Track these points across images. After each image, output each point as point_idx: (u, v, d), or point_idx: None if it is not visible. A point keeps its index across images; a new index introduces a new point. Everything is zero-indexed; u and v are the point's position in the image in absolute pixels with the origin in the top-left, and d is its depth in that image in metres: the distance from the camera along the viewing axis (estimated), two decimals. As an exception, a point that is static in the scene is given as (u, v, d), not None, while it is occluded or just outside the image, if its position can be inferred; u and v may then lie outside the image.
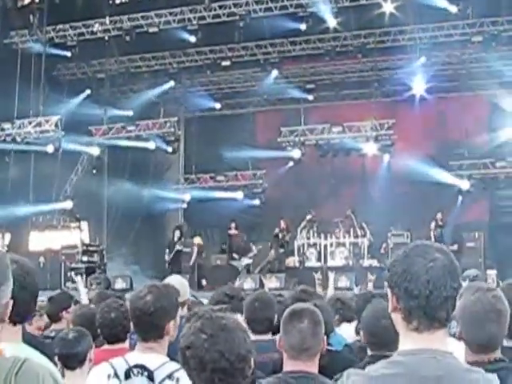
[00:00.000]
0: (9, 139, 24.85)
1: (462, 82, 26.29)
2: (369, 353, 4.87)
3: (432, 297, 2.50)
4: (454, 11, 22.37)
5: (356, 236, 24.37)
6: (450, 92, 26.52)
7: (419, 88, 25.43)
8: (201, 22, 24.39)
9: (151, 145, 26.96)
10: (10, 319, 2.89)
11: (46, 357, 3.11)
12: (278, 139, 26.42)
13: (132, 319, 4.28)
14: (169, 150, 27.65)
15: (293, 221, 25.16)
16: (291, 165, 27.17)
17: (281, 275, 22.56)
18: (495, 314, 3.75)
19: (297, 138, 26.27)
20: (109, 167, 27.32)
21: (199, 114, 29.11)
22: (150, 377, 4.00)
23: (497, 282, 18.82)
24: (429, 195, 24.93)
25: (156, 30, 24.74)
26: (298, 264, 24.42)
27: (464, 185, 25.61)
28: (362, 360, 4.85)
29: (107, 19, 24.86)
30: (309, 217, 25.00)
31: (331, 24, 23.71)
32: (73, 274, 20.62)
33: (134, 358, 4.13)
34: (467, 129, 25.72)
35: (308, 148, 26.53)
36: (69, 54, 25.95)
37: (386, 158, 26.14)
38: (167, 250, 24.06)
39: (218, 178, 28.97)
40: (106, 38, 25.37)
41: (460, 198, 25.90)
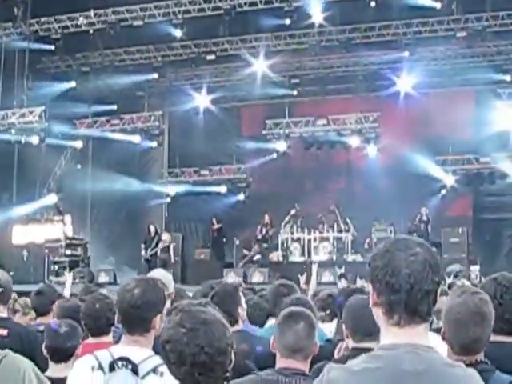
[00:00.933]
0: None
1: (446, 78, 26.34)
2: (350, 346, 4.87)
3: (413, 291, 2.49)
4: (439, 7, 22.43)
5: (340, 231, 24.43)
6: (435, 87, 26.56)
7: (404, 83, 25.48)
8: (186, 16, 24.34)
9: (136, 138, 26.93)
10: None
11: (33, 347, 3.09)
12: (263, 131, 26.45)
13: (119, 312, 4.26)
14: (153, 143, 27.61)
15: (277, 215, 25.19)
16: (275, 157, 27.15)
17: (264, 270, 22.60)
18: (480, 317, 3.75)
19: (281, 131, 26.28)
20: (93, 161, 27.27)
21: (183, 108, 29.04)
22: (134, 370, 3.97)
23: (480, 278, 18.92)
24: (413, 190, 24.99)
25: (141, 23, 24.66)
26: (281, 258, 24.46)
27: (448, 180, 25.71)
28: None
29: (92, 12, 24.77)
30: (293, 211, 25.04)
31: (316, 19, 23.67)
32: (66, 272, 20.53)
33: (119, 350, 4.11)
34: (451, 124, 25.77)
35: (293, 141, 26.55)
36: (53, 47, 25.84)
37: (371, 152, 26.17)
38: (143, 246, 24.10)
39: (202, 172, 28.94)
40: (91, 32, 25.23)
41: (444, 193, 26.00)
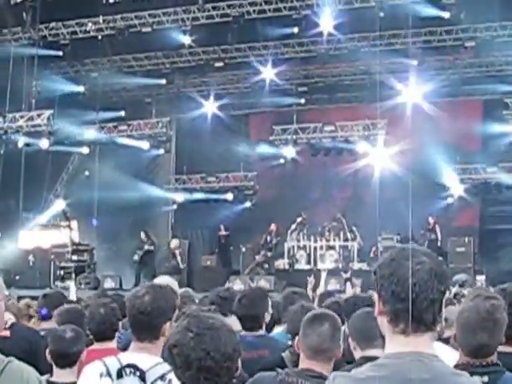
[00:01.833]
0: (0, 132, 24.72)
1: (454, 87, 26.32)
2: (358, 355, 4.87)
3: (418, 300, 2.50)
4: (447, 16, 22.43)
5: (346, 239, 24.41)
6: (443, 97, 26.55)
7: (412, 92, 25.46)
8: (194, 23, 24.38)
9: (144, 145, 26.92)
10: None
11: (38, 351, 3.10)
12: (271, 137, 26.37)
13: (129, 318, 4.27)
14: (160, 150, 27.65)
15: (283, 223, 25.18)
16: (282, 162, 27.05)
17: (270, 277, 22.59)
18: (491, 322, 3.74)
19: (289, 136, 26.20)
20: (100, 167, 27.30)
21: (191, 115, 29.05)
22: (142, 377, 3.98)
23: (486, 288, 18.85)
24: (420, 199, 24.91)
25: (149, 29, 24.70)
26: (287, 266, 24.45)
27: (455, 189, 25.65)
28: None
29: (100, 18, 24.82)
30: (299, 219, 25.03)
31: (325, 27, 23.69)
32: (68, 281, 20.60)
33: (127, 357, 4.13)
34: (459, 134, 25.72)
35: (300, 147, 26.49)
36: (61, 53, 25.90)
37: (378, 160, 26.10)
38: (137, 251, 24.19)
39: (210, 178, 28.95)
40: (99, 37, 25.28)
41: (451, 202, 25.95)
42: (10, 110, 24.91)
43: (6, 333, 6.04)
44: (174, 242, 24.80)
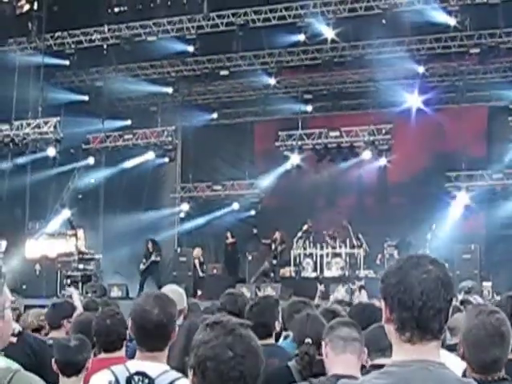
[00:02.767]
0: (7, 140, 24.73)
1: (459, 94, 26.31)
2: (368, 364, 4.88)
3: (425, 308, 2.52)
4: (452, 23, 22.46)
5: (352, 246, 24.37)
6: (448, 103, 26.56)
7: (417, 99, 25.49)
8: (199, 32, 24.43)
9: (150, 155, 26.86)
10: None
11: (44, 360, 3.11)
12: (276, 143, 26.29)
13: (138, 331, 4.26)
14: (166, 158, 27.66)
15: (289, 231, 25.16)
16: (288, 168, 26.94)
17: (276, 285, 22.54)
18: (499, 337, 3.79)
19: (294, 142, 26.12)
20: (105, 175, 27.33)
21: (197, 124, 29.08)
22: None
23: (492, 294, 18.85)
24: (425, 206, 24.90)
25: (154, 38, 24.77)
26: (294, 274, 24.42)
27: (461, 196, 25.60)
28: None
29: (106, 27, 24.90)
30: (305, 227, 25.00)
31: (329, 35, 23.73)
32: (66, 287, 20.58)
33: (135, 365, 4.14)
34: (464, 140, 25.70)
35: (305, 153, 26.38)
36: (67, 62, 25.98)
37: (383, 167, 26.10)
38: (144, 260, 24.21)
39: (215, 187, 28.97)
40: (105, 47, 25.39)
41: (457, 209, 25.89)
42: (16, 119, 24.94)
43: (13, 339, 6.04)
44: (196, 251, 24.88)
